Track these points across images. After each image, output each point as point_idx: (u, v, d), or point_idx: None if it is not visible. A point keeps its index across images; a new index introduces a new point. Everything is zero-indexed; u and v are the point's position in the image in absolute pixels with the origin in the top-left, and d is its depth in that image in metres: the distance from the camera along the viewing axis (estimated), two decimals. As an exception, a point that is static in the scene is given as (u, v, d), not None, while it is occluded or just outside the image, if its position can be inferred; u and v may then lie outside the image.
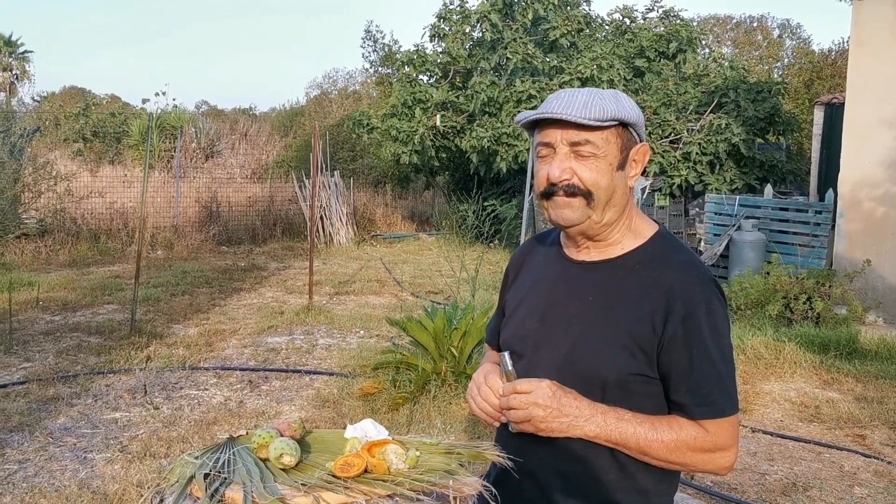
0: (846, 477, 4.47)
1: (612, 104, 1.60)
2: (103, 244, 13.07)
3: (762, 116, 12.92)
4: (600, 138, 1.60)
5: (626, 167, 1.65)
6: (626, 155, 1.64)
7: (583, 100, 1.60)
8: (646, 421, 1.58)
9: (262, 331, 7.64)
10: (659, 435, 1.58)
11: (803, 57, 25.09)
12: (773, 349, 6.67)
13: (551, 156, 1.63)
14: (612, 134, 1.61)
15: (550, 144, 1.62)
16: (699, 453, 1.59)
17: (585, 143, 1.60)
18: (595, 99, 1.60)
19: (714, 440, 1.58)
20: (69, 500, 3.84)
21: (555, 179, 1.61)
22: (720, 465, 1.62)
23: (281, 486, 1.47)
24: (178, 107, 24.01)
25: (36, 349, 6.74)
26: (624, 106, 1.62)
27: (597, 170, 1.61)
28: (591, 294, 1.68)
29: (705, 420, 1.58)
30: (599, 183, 1.61)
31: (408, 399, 5.15)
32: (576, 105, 1.58)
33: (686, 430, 1.58)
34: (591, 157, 1.60)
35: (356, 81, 33.23)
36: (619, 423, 1.58)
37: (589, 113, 1.57)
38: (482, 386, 1.67)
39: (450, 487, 1.46)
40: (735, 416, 1.61)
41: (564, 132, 1.60)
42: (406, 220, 18.03)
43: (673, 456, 1.59)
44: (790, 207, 9.98)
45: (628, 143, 1.64)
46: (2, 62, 38.09)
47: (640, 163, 1.68)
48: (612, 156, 1.62)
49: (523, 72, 14.43)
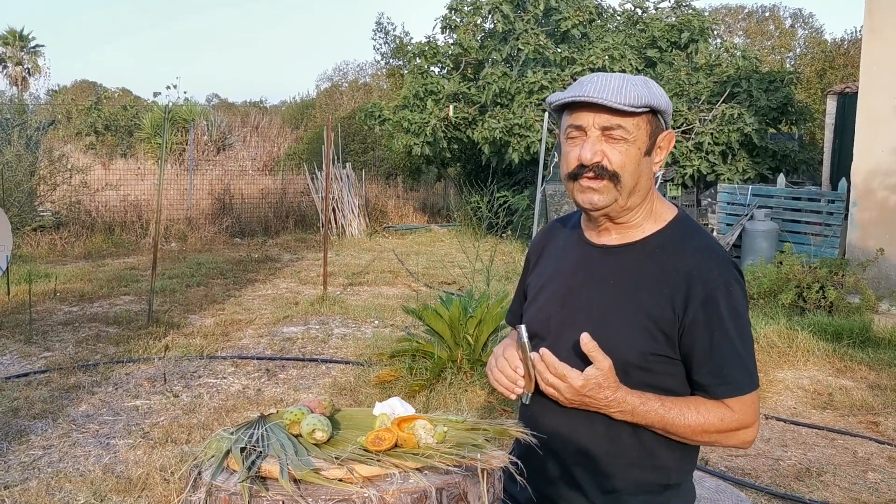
0: (860, 462, 4.50)
1: (644, 90, 1.63)
2: (118, 236, 13.18)
3: (774, 106, 12.88)
4: (632, 124, 1.63)
5: (652, 153, 1.68)
6: (653, 141, 1.68)
7: (616, 84, 1.62)
8: (674, 407, 1.62)
9: (278, 321, 7.70)
10: (686, 420, 1.62)
11: (816, 46, 24.96)
12: (786, 338, 6.68)
13: (582, 138, 1.65)
14: (643, 120, 1.64)
15: (582, 127, 1.65)
16: (726, 433, 1.64)
17: (617, 128, 1.62)
18: (628, 85, 1.62)
19: (739, 418, 1.63)
20: (94, 483, 3.91)
21: (586, 161, 1.63)
22: (744, 441, 1.68)
23: (314, 459, 1.52)
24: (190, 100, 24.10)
25: (55, 339, 6.83)
26: (655, 93, 1.65)
27: (626, 154, 1.64)
28: (612, 277, 1.72)
29: (728, 399, 1.63)
30: (627, 167, 1.64)
31: (424, 386, 5.20)
32: (610, 90, 1.61)
33: (713, 411, 1.63)
34: (621, 142, 1.63)
35: (367, 74, 33.27)
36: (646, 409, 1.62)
37: (623, 98, 1.60)
38: (500, 358, 1.73)
39: (478, 460, 1.51)
40: (755, 392, 1.66)
41: (597, 116, 1.63)
42: (418, 212, 18.07)
43: (700, 437, 1.65)
44: (803, 197, 9.97)
45: (657, 129, 1.68)
46: (14, 56, 38.32)
47: (665, 149, 1.72)
48: (641, 141, 1.65)
49: (535, 63, 14.43)
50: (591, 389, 1.58)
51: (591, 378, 1.58)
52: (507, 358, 1.72)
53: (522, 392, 1.70)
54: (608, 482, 1.71)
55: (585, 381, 1.58)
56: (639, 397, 1.61)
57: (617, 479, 1.71)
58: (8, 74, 38.07)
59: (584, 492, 1.73)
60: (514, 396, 1.73)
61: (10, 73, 38.13)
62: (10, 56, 38.32)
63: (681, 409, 1.62)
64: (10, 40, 38.09)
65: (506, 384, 1.72)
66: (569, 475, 1.74)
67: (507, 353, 1.73)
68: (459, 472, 1.49)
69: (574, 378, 1.58)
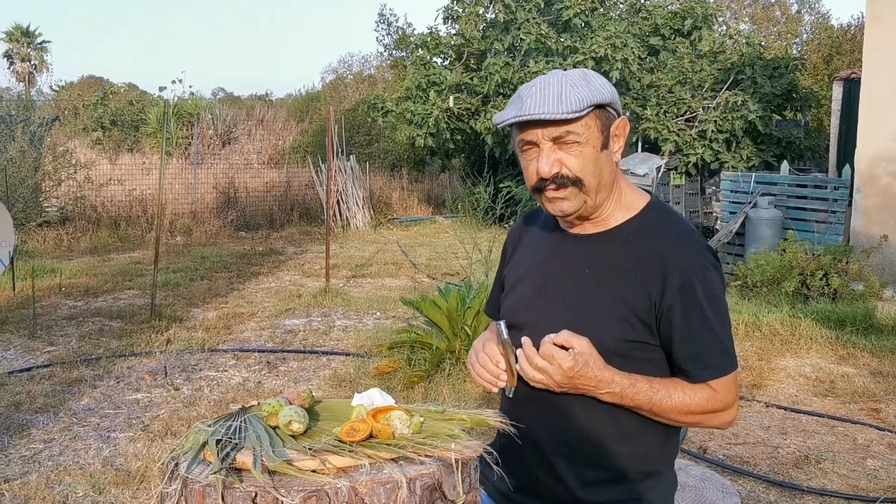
0: (859, 450, 4.49)
1: (584, 91, 1.61)
2: (123, 231, 13.22)
3: (779, 93, 12.81)
4: (580, 126, 1.62)
5: (609, 145, 1.68)
6: (607, 134, 1.67)
7: (555, 92, 1.60)
8: (661, 388, 1.63)
9: (280, 313, 7.73)
10: (673, 401, 1.64)
11: (822, 32, 24.79)
12: (788, 325, 6.66)
13: (535, 151, 1.65)
14: (591, 118, 1.63)
15: (533, 142, 1.65)
16: (710, 413, 1.67)
17: (567, 135, 1.62)
18: (567, 88, 1.61)
19: (723, 398, 1.66)
20: (93, 477, 3.94)
21: (545, 174, 1.64)
22: (725, 421, 1.70)
23: (289, 451, 1.52)
24: (195, 94, 24.15)
25: (59, 334, 6.86)
26: (596, 87, 1.63)
27: (582, 156, 1.63)
28: (587, 266, 1.73)
29: (711, 381, 1.65)
30: (586, 168, 1.64)
31: (423, 377, 5.22)
32: (550, 100, 1.59)
33: (699, 392, 1.65)
34: (574, 146, 1.63)
35: (371, 66, 33.23)
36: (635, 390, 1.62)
37: (564, 106, 1.59)
38: (480, 353, 1.74)
39: (452, 450, 1.51)
40: (734, 372, 1.68)
41: (544, 130, 1.62)
42: (422, 204, 18.07)
43: (686, 418, 1.67)
44: (809, 184, 9.92)
45: (607, 121, 1.67)
46: (20, 53, 38.43)
47: (621, 136, 1.71)
48: (594, 139, 1.64)
49: (537, 52, 14.38)
50: (581, 369, 1.58)
51: (578, 355, 1.58)
52: (487, 353, 1.73)
53: (506, 386, 1.72)
54: (587, 471, 1.72)
55: (574, 360, 1.58)
56: (628, 378, 1.62)
57: (596, 468, 1.72)
58: (15, 71, 38.18)
59: (563, 481, 1.73)
60: (495, 389, 1.74)
61: (16, 69, 38.25)
62: (16, 52, 38.43)
63: (668, 390, 1.64)
64: (17, 36, 38.19)
65: (488, 378, 1.73)
66: (548, 464, 1.75)
67: (488, 349, 1.73)
68: (433, 462, 1.50)
69: (563, 358, 1.58)
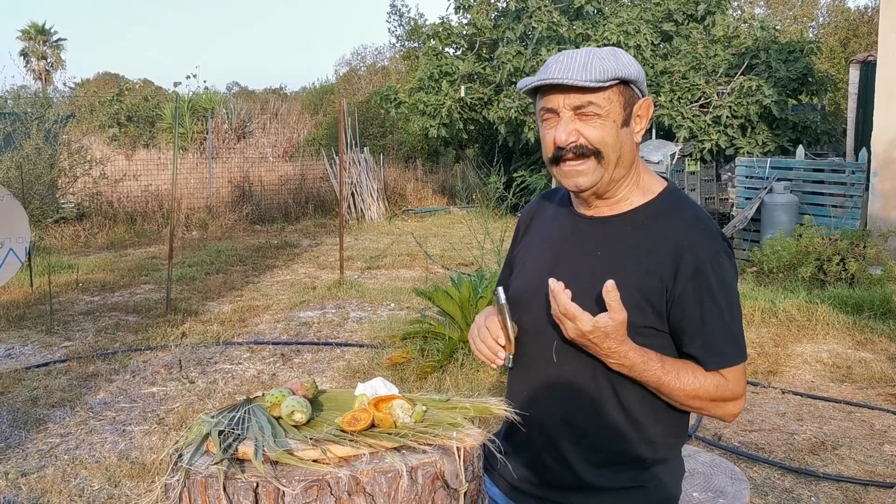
0: (876, 435, 4.45)
1: (611, 63, 1.60)
2: (139, 226, 13.31)
3: (794, 77, 12.66)
4: (603, 98, 1.60)
5: (630, 123, 1.66)
6: (629, 112, 1.65)
7: (581, 61, 1.59)
8: (672, 369, 1.61)
9: (295, 306, 7.75)
10: (682, 383, 1.61)
11: (839, 15, 24.47)
12: (805, 311, 6.61)
13: (555, 120, 1.64)
14: (614, 93, 1.62)
15: (553, 110, 1.63)
16: (718, 401, 1.64)
17: (588, 105, 1.60)
18: (594, 59, 1.60)
19: (733, 388, 1.64)
20: (109, 469, 3.98)
21: (562, 143, 1.62)
22: (730, 413, 1.68)
23: (291, 441, 1.52)
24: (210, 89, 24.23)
25: (76, 329, 6.92)
26: (623, 63, 1.62)
27: (602, 128, 1.61)
28: (600, 249, 1.71)
29: (721, 370, 1.63)
30: (606, 140, 1.62)
31: (436, 367, 5.21)
32: (575, 67, 1.58)
33: (710, 379, 1.63)
34: (595, 118, 1.61)
35: (385, 57, 33.16)
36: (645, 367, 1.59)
37: (589, 75, 1.57)
38: (482, 328, 1.74)
39: (454, 439, 1.50)
40: (744, 363, 1.66)
41: (566, 97, 1.60)
42: (437, 194, 18.05)
43: (691, 402, 1.64)
44: (826, 168, 9.81)
45: (631, 99, 1.65)
46: (37, 51, 38.70)
47: (644, 117, 1.69)
48: (615, 114, 1.62)
49: (549, 40, 14.29)
50: (597, 336, 1.56)
51: (600, 326, 1.55)
52: (488, 327, 1.73)
53: (505, 357, 1.71)
54: (594, 456, 1.71)
55: (594, 327, 1.55)
56: (641, 355, 1.59)
57: (603, 453, 1.70)
58: (31, 69, 38.46)
59: (570, 465, 1.72)
60: (497, 364, 1.73)
61: (33, 67, 38.52)
62: (32, 51, 38.70)
63: (678, 372, 1.62)
64: (33, 35, 38.45)
65: (487, 353, 1.73)
66: (555, 449, 1.74)
67: (489, 322, 1.73)
68: (435, 450, 1.49)
69: (584, 321, 1.55)
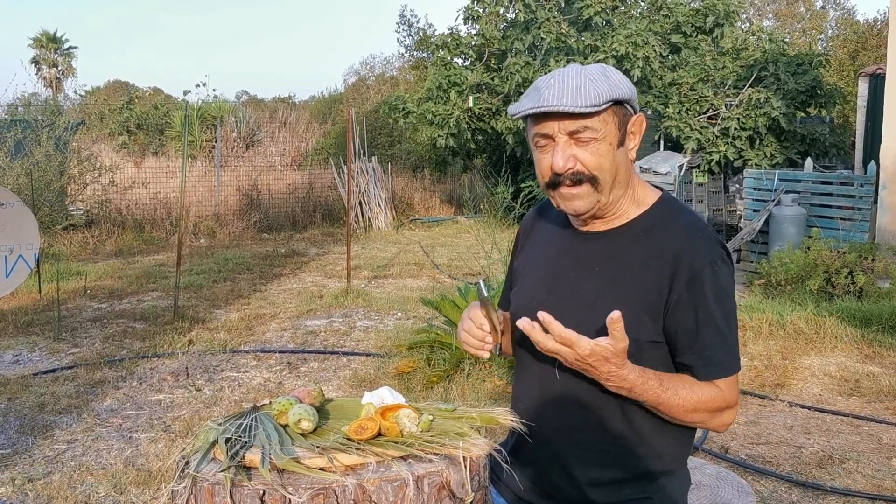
0: (884, 449, 4.43)
1: (604, 85, 1.58)
2: (148, 234, 13.36)
3: (803, 89, 12.65)
4: (598, 122, 1.59)
5: (625, 142, 1.66)
6: (623, 131, 1.64)
7: (574, 84, 1.57)
8: (671, 386, 1.60)
9: (302, 314, 7.76)
10: (679, 398, 1.60)
11: (848, 28, 24.48)
12: (813, 324, 6.59)
13: (551, 145, 1.62)
14: (609, 114, 1.60)
15: (549, 136, 1.62)
16: (714, 412, 1.64)
17: (584, 130, 1.59)
18: (586, 82, 1.57)
19: (727, 398, 1.63)
20: (115, 476, 3.98)
21: (559, 169, 1.61)
22: (724, 423, 1.67)
23: (297, 449, 1.53)
24: (219, 97, 24.31)
25: (84, 335, 6.95)
26: (615, 83, 1.60)
27: (598, 153, 1.60)
28: (598, 264, 1.70)
29: (715, 380, 1.63)
30: (603, 166, 1.61)
31: (442, 377, 5.21)
32: (569, 93, 1.56)
33: (705, 390, 1.62)
34: (591, 142, 1.60)
35: (394, 67, 33.25)
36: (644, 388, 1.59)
37: (584, 100, 1.56)
38: (466, 320, 1.75)
39: (460, 448, 1.50)
40: (737, 373, 1.66)
41: (561, 122, 1.59)
42: (444, 204, 18.07)
43: (689, 416, 1.63)
44: (833, 181, 9.79)
45: (624, 118, 1.64)
46: (48, 59, 38.97)
47: (637, 133, 1.68)
48: (611, 136, 1.61)
49: (558, 51, 14.32)
50: (597, 360, 1.55)
51: (599, 351, 1.54)
52: (472, 318, 1.73)
53: (492, 346, 1.73)
54: (601, 472, 1.70)
55: (592, 351, 1.54)
56: (640, 375, 1.58)
57: (610, 469, 1.70)
58: (42, 76, 38.72)
59: (576, 481, 1.72)
60: (485, 355, 1.75)
61: (44, 74, 38.78)
62: (43, 58, 38.97)
63: (676, 388, 1.61)
64: (44, 42, 38.73)
65: (474, 344, 1.74)
66: (561, 465, 1.73)
67: (472, 314, 1.74)
68: (441, 460, 1.49)
69: (582, 346, 1.54)
